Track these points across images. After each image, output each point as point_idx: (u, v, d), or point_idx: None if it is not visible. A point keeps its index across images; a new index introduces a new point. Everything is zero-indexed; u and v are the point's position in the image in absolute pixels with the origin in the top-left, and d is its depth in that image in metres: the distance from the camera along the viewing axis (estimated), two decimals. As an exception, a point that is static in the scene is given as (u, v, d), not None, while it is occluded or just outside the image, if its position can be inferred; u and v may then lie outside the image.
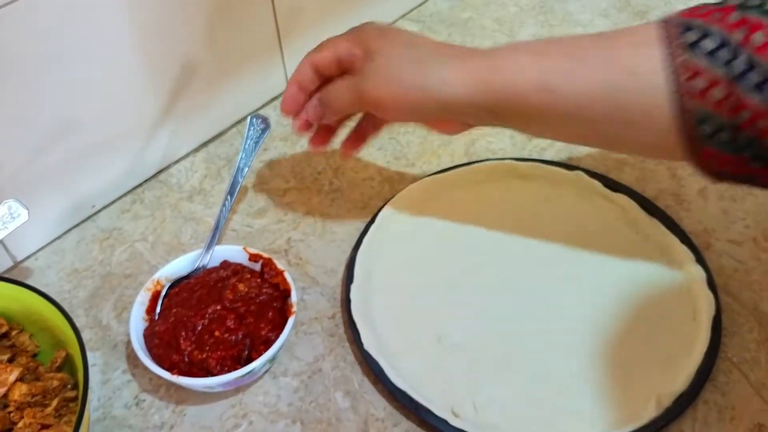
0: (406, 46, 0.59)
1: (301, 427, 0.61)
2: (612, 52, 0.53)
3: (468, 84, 0.55)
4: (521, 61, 0.55)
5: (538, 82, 0.54)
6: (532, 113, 0.55)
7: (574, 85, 0.53)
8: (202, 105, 0.83)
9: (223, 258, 0.68)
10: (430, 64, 0.57)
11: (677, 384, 0.59)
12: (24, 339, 0.62)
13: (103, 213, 0.79)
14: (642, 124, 0.53)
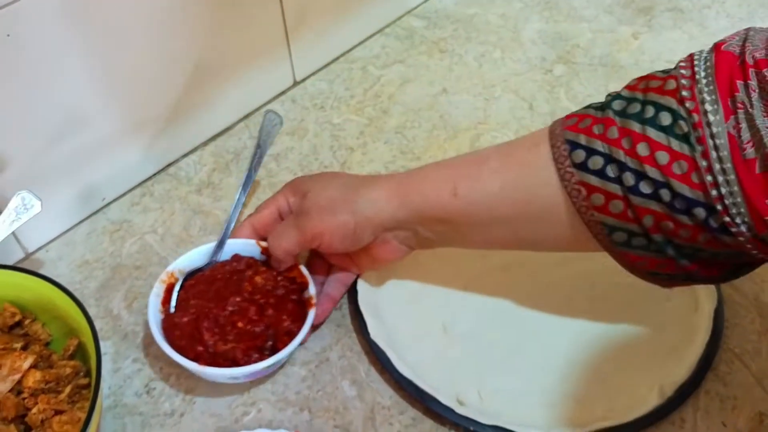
0: (334, 181, 0.64)
1: (309, 415, 0.62)
2: (509, 152, 0.57)
3: (391, 199, 0.59)
4: (431, 174, 0.60)
5: (447, 189, 0.57)
6: (452, 220, 0.58)
7: (476, 188, 0.57)
8: (211, 99, 0.84)
9: (235, 251, 0.67)
10: (358, 190, 0.61)
11: (679, 373, 0.60)
12: (37, 328, 0.63)
13: (114, 205, 0.80)
14: (553, 218, 0.54)
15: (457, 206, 0.57)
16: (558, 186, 0.52)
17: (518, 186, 0.55)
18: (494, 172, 0.56)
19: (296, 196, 0.65)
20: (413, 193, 0.59)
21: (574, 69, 0.93)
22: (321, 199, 0.62)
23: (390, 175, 0.63)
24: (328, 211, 0.61)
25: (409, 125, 0.87)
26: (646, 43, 0.95)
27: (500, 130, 0.85)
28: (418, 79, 0.93)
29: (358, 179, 0.64)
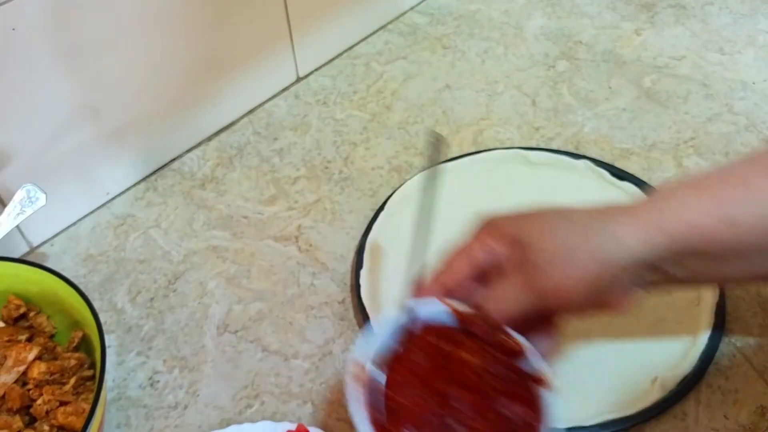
0: (557, 220, 0.52)
1: (312, 407, 0.62)
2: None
3: (643, 237, 0.49)
4: (688, 200, 0.50)
5: (717, 216, 0.48)
6: (722, 253, 0.50)
7: (754, 213, 0.48)
8: (214, 94, 0.84)
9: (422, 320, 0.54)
10: (596, 229, 0.50)
11: (681, 367, 0.60)
12: (42, 320, 0.63)
13: (118, 200, 0.81)
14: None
15: (732, 235, 0.48)
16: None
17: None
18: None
19: (509, 247, 0.52)
20: (675, 224, 0.49)
21: (576, 65, 0.93)
22: (552, 246, 0.50)
23: (626, 207, 0.51)
24: (567, 261, 0.49)
25: (412, 121, 0.87)
26: (649, 39, 0.95)
27: (503, 125, 0.86)
28: (421, 74, 0.93)
29: (586, 215, 0.51)
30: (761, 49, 0.92)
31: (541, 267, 0.50)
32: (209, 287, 0.72)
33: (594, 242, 0.49)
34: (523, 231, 0.52)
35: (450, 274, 0.54)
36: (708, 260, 0.50)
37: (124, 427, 0.62)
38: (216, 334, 0.68)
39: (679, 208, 0.49)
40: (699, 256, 0.50)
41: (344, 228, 0.76)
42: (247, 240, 0.76)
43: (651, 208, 0.50)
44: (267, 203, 0.79)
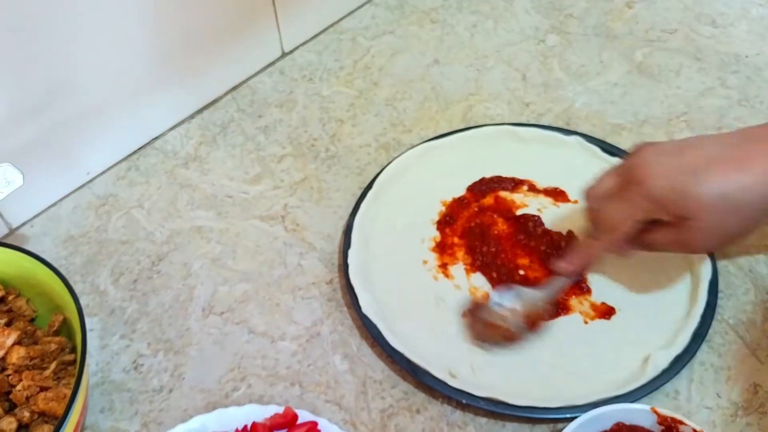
0: (720, 204, 0.53)
1: (300, 389, 0.61)
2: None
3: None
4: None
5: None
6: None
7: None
8: (197, 71, 0.82)
9: (617, 420, 0.54)
10: (756, 204, 0.53)
11: (673, 346, 0.60)
12: (21, 303, 0.62)
13: (99, 180, 0.79)
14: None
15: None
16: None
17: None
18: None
19: (666, 215, 0.55)
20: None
21: (567, 39, 0.91)
22: (712, 229, 0.54)
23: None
24: (723, 238, 0.55)
25: (400, 97, 0.86)
26: (641, 12, 0.94)
27: (493, 101, 0.84)
28: (408, 50, 0.91)
29: (743, 187, 0.53)
30: (754, 22, 0.91)
31: (702, 241, 0.56)
32: (194, 268, 0.70)
33: (754, 218, 0.54)
34: (683, 206, 0.54)
35: (613, 236, 0.59)
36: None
37: (108, 411, 0.61)
38: (201, 317, 0.67)
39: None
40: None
41: (331, 207, 0.75)
42: (232, 220, 0.74)
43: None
44: (252, 182, 0.78)
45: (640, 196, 0.55)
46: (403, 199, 0.73)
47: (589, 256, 0.62)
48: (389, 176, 0.74)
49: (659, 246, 0.58)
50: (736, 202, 0.52)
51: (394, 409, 0.60)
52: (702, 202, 0.53)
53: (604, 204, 0.59)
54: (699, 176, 0.53)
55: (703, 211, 0.53)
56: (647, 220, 0.56)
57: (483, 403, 0.58)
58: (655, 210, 0.55)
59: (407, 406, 0.60)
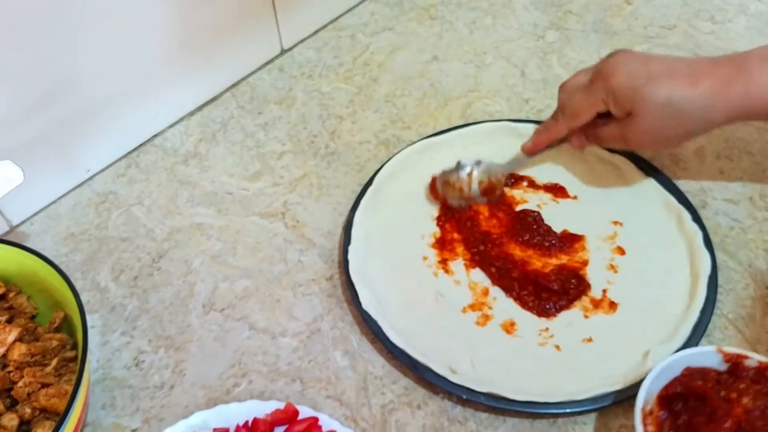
0: (662, 106, 0.61)
1: (301, 385, 0.61)
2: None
3: (729, 114, 0.61)
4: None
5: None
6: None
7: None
8: (197, 69, 0.82)
9: (686, 365, 0.56)
10: (693, 119, 0.61)
11: (673, 341, 0.60)
12: (22, 300, 0.62)
13: (98, 177, 0.79)
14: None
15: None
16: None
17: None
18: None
19: (617, 110, 0.64)
20: (756, 101, 0.60)
21: (566, 35, 0.91)
22: (654, 129, 0.63)
23: (715, 78, 0.61)
24: (661, 139, 0.65)
25: (399, 93, 0.86)
26: (640, 8, 0.94)
27: (492, 97, 0.84)
28: (407, 46, 0.91)
29: (687, 99, 0.61)
30: (753, 18, 0.91)
31: (635, 133, 0.63)
32: (194, 265, 0.70)
33: (688, 127, 0.62)
34: (631, 103, 0.62)
35: (576, 121, 0.67)
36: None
37: (110, 408, 0.61)
38: (202, 313, 0.67)
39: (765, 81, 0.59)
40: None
41: (331, 203, 0.75)
42: (232, 217, 0.74)
43: (739, 79, 0.59)
44: (252, 179, 0.78)
45: (603, 89, 0.64)
46: (402, 196, 0.73)
47: (550, 137, 0.71)
48: (389, 173, 0.74)
49: (604, 138, 0.67)
50: (677, 108, 0.61)
51: (394, 405, 0.60)
52: (648, 101, 0.61)
53: (573, 93, 0.67)
54: (653, 81, 0.61)
55: (647, 109, 0.61)
56: (603, 111, 0.65)
57: (483, 399, 0.58)
58: (610, 102, 0.64)
59: (408, 401, 0.60)
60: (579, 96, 0.66)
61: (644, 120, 0.62)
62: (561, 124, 0.69)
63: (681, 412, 0.54)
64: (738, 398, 0.53)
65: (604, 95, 0.64)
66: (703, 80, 0.60)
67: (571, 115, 0.67)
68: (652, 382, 0.54)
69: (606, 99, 0.64)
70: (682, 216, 0.68)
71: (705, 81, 0.60)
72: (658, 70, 0.61)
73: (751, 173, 0.74)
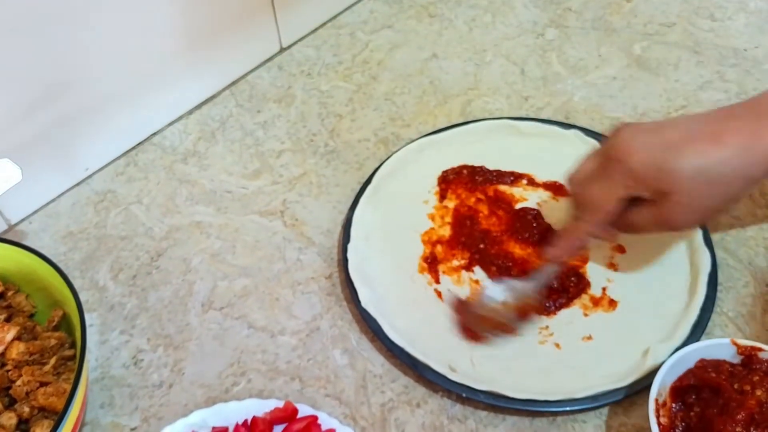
0: (698, 177, 0.54)
1: (300, 384, 0.61)
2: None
3: (765, 163, 0.54)
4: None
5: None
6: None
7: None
8: (195, 66, 0.82)
9: (699, 357, 0.56)
10: (730, 183, 0.54)
11: (673, 339, 0.60)
12: (20, 299, 0.62)
13: (97, 176, 0.79)
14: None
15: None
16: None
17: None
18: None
19: (647, 192, 0.56)
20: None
21: (566, 33, 0.91)
22: (691, 203, 0.55)
23: (745, 135, 0.54)
24: (702, 212, 0.57)
25: (399, 91, 0.85)
26: (639, 5, 0.93)
27: (491, 95, 0.84)
28: (407, 44, 0.91)
29: (723, 162, 0.54)
30: (753, 15, 0.91)
31: (682, 216, 0.56)
32: (193, 264, 0.70)
33: (731, 191, 0.55)
34: (662, 182, 0.55)
35: (597, 217, 0.59)
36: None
37: (108, 407, 0.61)
38: (201, 312, 0.67)
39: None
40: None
41: (330, 202, 0.75)
42: (231, 215, 0.74)
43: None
44: (251, 177, 0.78)
45: (621, 173, 0.56)
46: (402, 194, 0.73)
47: (576, 240, 0.62)
48: (388, 171, 0.74)
49: (640, 225, 0.59)
50: (712, 175, 0.54)
51: (394, 403, 0.60)
52: (680, 175, 0.54)
53: (587, 185, 0.60)
54: (677, 151, 0.54)
55: (681, 184, 0.54)
56: (629, 197, 0.57)
57: (483, 397, 0.58)
58: (636, 186, 0.56)
59: (407, 400, 0.60)
60: (596, 186, 0.59)
61: (683, 197, 0.55)
62: (585, 222, 0.61)
63: (694, 404, 0.54)
64: (751, 391, 0.53)
65: (628, 180, 0.56)
66: (728, 137, 0.54)
67: (592, 210, 0.60)
68: (666, 373, 0.54)
69: (630, 184, 0.56)
70: (681, 214, 0.68)
71: (730, 138, 0.54)
72: (676, 138, 0.55)
73: (751, 171, 0.74)
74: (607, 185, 0.58)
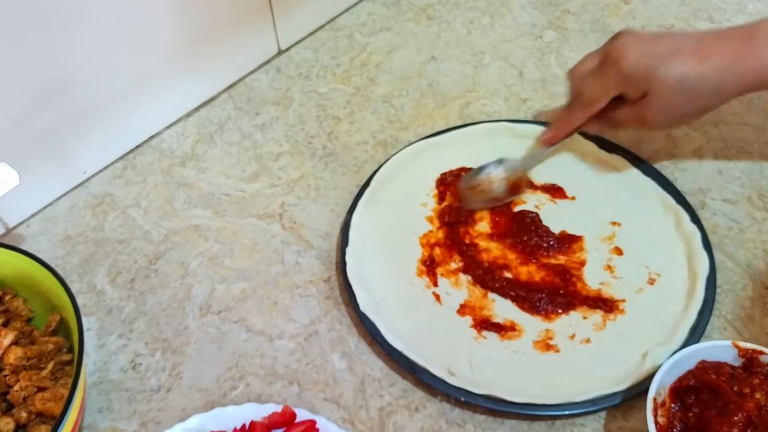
0: (677, 84, 0.61)
1: (298, 388, 0.61)
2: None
3: (742, 87, 0.61)
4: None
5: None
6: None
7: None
8: (194, 70, 0.82)
9: (700, 358, 0.56)
10: (705, 94, 0.62)
11: (672, 342, 0.59)
12: (18, 304, 0.62)
13: (95, 179, 0.78)
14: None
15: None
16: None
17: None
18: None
19: (632, 92, 0.64)
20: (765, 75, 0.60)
21: (564, 35, 0.91)
22: (667, 106, 0.63)
23: (726, 51, 0.61)
24: (675, 116, 0.65)
25: (397, 94, 0.85)
26: (638, 7, 0.93)
27: (490, 97, 0.84)
28: (405, 46, 0.91)
29: (700, 77, 0.61)
30: (751, 17, 0.90)
31: (651, 112, 0.64)
32: (191, 267, 0.70)
33: (703, 103, 0.63)
34: (646, 83, 0.62)
35: (594, 107, 0.67)
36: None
37: (106, 411, 0.61)
38: (199, 315, 0.67)
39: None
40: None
41: (329, 205, 0.74)
42: (229, 218, 0.74)
43: (749, 54, 0.60)
44: (249, 180, 0.77)
45: (615, 73, 0.64)
46: (400, 197, 0.73)
47: (569, 126, 0.71)
48: (386, 174, 0.74)
49: (621, 120, 0.67)
50: (690, 85, 0.61)
51: (392, 407, 0.60)
52: (662, 80, 0.61)
53: (585, 80, 0.67)
54: (664, 60, 0.61)
55: (661, 88, 0.62)
56: (618, 94, 0.65)
57: (482, 401, 0.58)
58: (625, 85, 0.64)
59: (406, 404, 0.60)
60: (592, 82, 0.67)
61: (660, 99, 0.63)
62: (578, 111, 0.69)
63: (693, 405, 0.54)
64: (751, 393, 0.53)
65: (617, 78, 0.64)
66: (713, 56, 0.61)
67: (587, 102, 0.68)
68: (665, 373, 0.54)
69: (619, 82, 0.64)
70: (680, 216, 0.68)
71: (715, 56, 0.61)
72: (667, 49, 0.62)
73: (750, 173, 0.74)
74: (603, 82, 0.66)
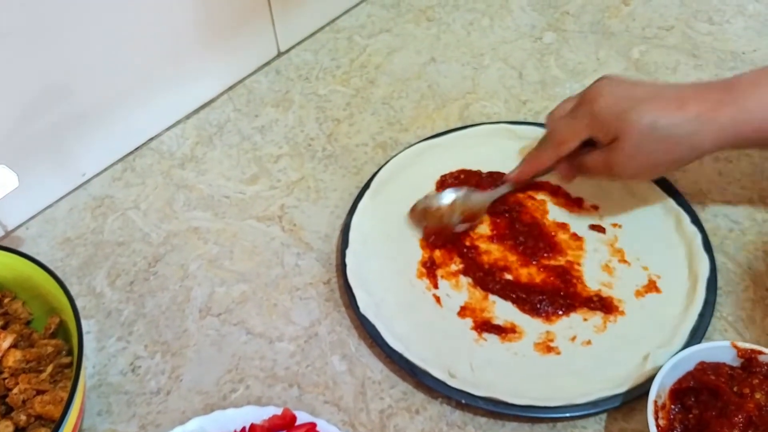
0: (648, 131, 0.59)
1: (299, 390, 0.61)
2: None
3: (718, 141, 0.59)
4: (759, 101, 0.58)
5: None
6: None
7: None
8: (192, 71, 0.82)
9: (699, 359, 0.56)
10: (679, 145, 0.59)
11: (673, 343, 0.59)
12: (17, 306, 0.61)
13: (95, 181, 0.78)
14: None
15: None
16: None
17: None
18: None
19: (602, 135, 0.61)
20: (746, 130, 0.58)
21: (564, 36, 0.91)
22: (640, 156, 0.60)
23: (707, 106, 0.58)
24: (646, 169, 0.62)
25: (397, 95, 0.85)
26: (637, 9, 0.93)
27: (489, 99, 0.84)
28: (405, 48, 0.91)
29: (674, 125, 0.58)
30: (751, 19, 0.90)
31: (621, 159, 0.61)
32: (191, 269, 0.70)
33: (675, 154, 0.60)
34: (617, 127, 0.60)
35: (565, 147, 0.65)
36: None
37: (106, 414, 0.61)
38: (198, 318, 0.66)
39: (758, 109, 0.57)
40: (761, 143, 0.60)
41: (328, 207, 0.74)
42: (228, 220, 0.74)
43: (731, 107, 0.57)
44: (249, 182, 0.77)
45: (587, 114, 0.62)
46: (400, 199, 0.72)
47: (537, 167, 0.69)
48: (386, 175, 0.74)
49: (590, 166, 0.64)
50: (662, 134, 0.58)
51: (393, 410, 0.60)
52: (633, 125, 0.59)
53: (559, 121, 0.66)
54: (638, 105, 0.59)
55: (632, 134, 0.59)
56: (589, 137, 0.63)
57: (482, 403, 0.57)
58: (595, 127, 0.62)
59: (406, 406, 0.60)
60: (563, 123, 0.65)
61: (629, 145, 0.59)
62: (547, 152, 0.67)
63: (693, 406, 0.54)
64: (750, 393, 0.53)
65: (588, 120, 0.62)
66: (691, 105, 0.58)
67: (556, 143, 0.66)
68: (665, 375, 0.54)
69: (590, 124, 0.62)
70: (680, 218, 0.67)
71: (693, 106, 0.58)
72: (643, 95, 0.60)
73: (751, 174, 0.73)
74: (574, 123, 0.64)
